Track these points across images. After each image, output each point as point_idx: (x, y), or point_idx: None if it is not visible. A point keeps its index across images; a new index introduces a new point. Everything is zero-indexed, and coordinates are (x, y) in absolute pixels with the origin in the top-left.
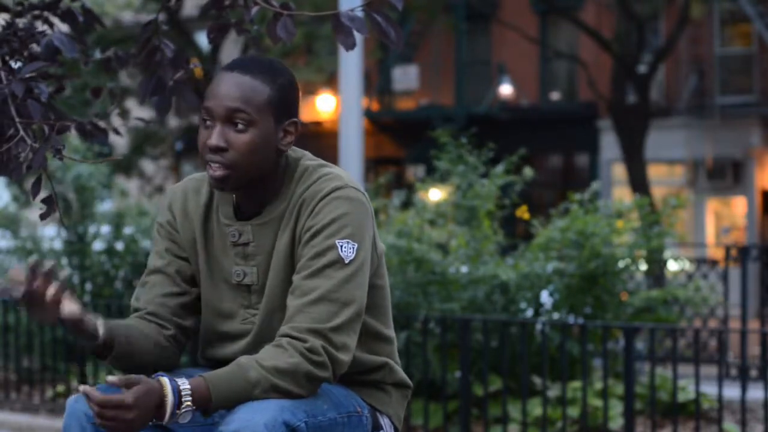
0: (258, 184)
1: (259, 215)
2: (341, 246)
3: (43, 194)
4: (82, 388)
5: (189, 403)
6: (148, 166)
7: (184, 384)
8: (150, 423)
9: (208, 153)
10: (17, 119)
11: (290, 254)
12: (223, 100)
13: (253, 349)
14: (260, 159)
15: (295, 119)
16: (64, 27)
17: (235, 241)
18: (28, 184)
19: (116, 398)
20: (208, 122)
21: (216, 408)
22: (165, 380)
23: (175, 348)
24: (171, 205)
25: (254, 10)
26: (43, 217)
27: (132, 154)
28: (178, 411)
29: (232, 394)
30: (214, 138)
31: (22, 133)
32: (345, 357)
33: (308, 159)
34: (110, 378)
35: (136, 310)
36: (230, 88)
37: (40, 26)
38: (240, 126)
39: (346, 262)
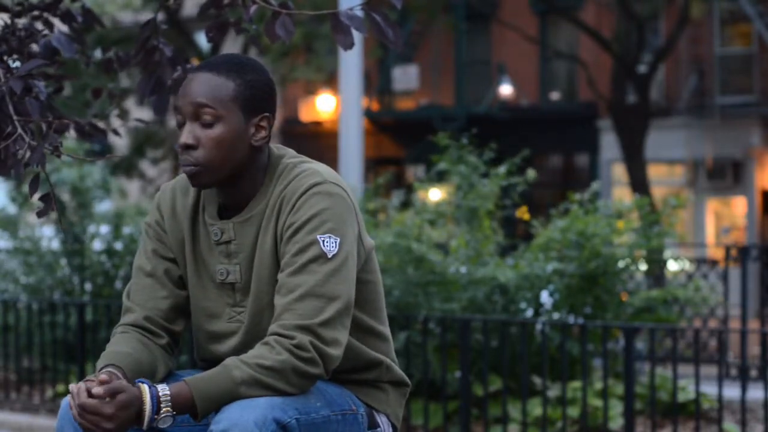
0: (236, 181)
1: (240, 213)
2: (323, 241)
3: (40, 192)
4: (72, 386)
5: (168, 409)
6: (149, 168)
7: (163, 390)
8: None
9: (181, 152)
10: (15, 117)
11: (274, 252)
12: (189, 97)
13: (243, 348)
14: (231, 154)
15: (267, 114)
16: (64, 28)
17: (218, 240)
18: (27, 185)
19: (97, 406)
20: (181, 122)
21: (204, 410)
22: (145, 387)
23: (170, 354)
24: (159, 204)
25: (253, 8)
26: (40, 214)
27: (132, 155)
28: (156, 416)
29: (217, 394)
30: (184, 136)
31: (20, 130)
32: (335, 351)
33: (290, 157)
34: (95, 390)
35: (128, 309)
36: (196, 86)
37: (40, 26)
38: (207, 122)
39: (329, 256)
